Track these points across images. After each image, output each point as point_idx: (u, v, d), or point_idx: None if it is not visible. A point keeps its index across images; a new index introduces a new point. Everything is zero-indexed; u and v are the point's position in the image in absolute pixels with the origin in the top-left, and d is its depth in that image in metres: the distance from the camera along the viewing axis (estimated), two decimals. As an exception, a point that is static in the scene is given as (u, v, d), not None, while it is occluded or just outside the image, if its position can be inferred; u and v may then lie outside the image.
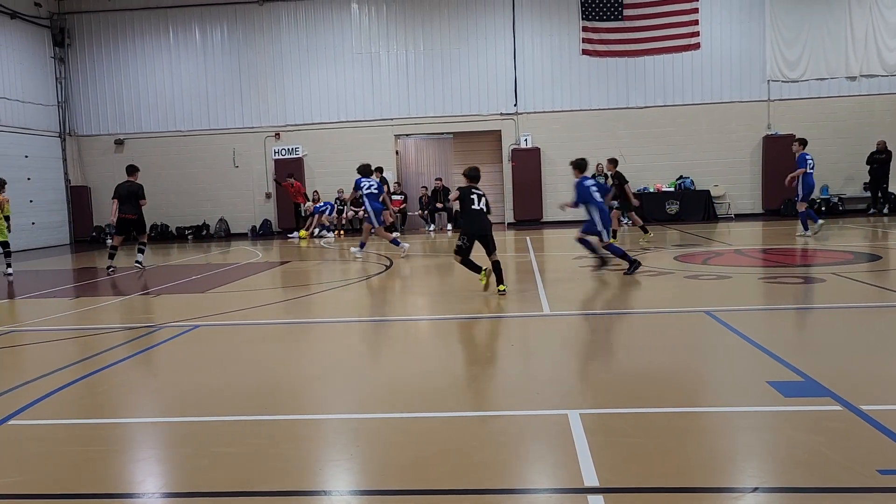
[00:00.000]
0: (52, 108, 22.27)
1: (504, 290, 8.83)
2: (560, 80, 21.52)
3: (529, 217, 21.63)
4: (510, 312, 8.13)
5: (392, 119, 22.05)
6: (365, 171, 13.96)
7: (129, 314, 8.98)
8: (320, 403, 4.94)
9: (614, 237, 12.35)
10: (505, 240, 17.60)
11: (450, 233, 20.47)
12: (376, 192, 13.82)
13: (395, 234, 15.45)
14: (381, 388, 5.18)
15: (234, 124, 22.45)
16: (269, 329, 7.79)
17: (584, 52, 21.19)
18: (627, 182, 14.54)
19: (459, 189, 9.18)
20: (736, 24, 20.93)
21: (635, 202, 14.67)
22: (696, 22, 20.84)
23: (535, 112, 21.67)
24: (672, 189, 21.12)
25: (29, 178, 20.89)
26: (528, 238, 17.14)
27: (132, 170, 13.48)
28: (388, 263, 12.98)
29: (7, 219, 13.30)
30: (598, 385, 5.07)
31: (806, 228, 14.35)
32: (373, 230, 14.09)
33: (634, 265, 10.14)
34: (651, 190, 21.18)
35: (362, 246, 14.26)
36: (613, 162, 14.66)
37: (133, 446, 4.24)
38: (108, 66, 22.70)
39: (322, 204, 21.07)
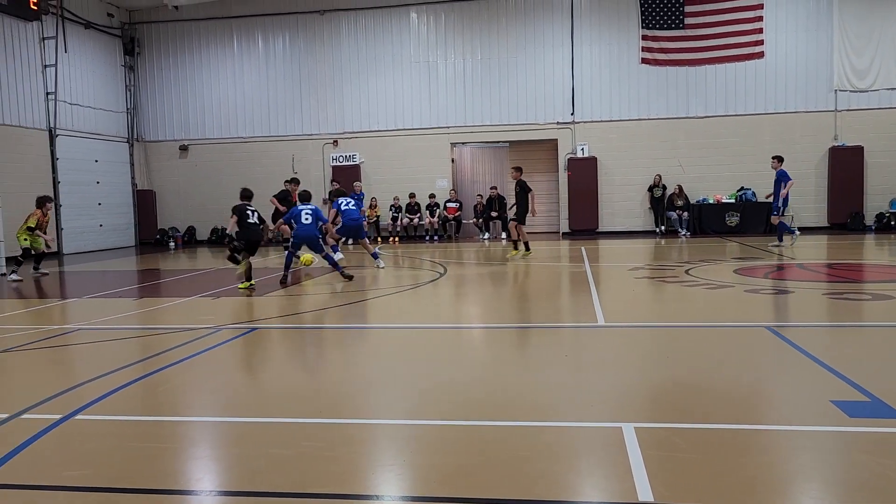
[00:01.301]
0: (122, 115, 23.13)
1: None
2: (618, 89, 21.28)
3: (585, 227, 21.42)
4: (564, 322, 8.06)
5: (448, 127, 22.16)
6: (337, 193, 14.45)
7: (189, 315, 9.23)
8: (374, 408, 4.98)
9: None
10: (560, 249, 17.47)
11: (504, 241, 20.41)
12: (354, 207, 14.04)
13: (376, 248, 15.06)
14: (433, 394, 5.20)
15: (294, 131, 22.91)
16: (326, 333, 7.90)
17: (644, 60, 20.91)
18: (531, 191, 14.38)
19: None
20: (802, 33, 20.35)
21: (534, 212, 14.52)
22: (759, 30, 20.34)
23: (592, 121, 21.47)
24: (732, 200, 20.62)
25: (98, 182, 21.73)
26: (583, 248, 16.96)
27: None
28: (441, 271, 13.02)
29: (30, 230, 13.63)
30: (653, 399, 4.98)
31: (781, 239, 15.39)
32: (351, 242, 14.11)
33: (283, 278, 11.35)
34: (710, 201, 20.73)
35: (375, 256, 13.85)
36: (518, 169, 14.61)
37: (192, 444, 4.36)
38: (174, 74, 23.47)
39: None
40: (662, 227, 20.90)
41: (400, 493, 3.54)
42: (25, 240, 13.63)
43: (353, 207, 14.01)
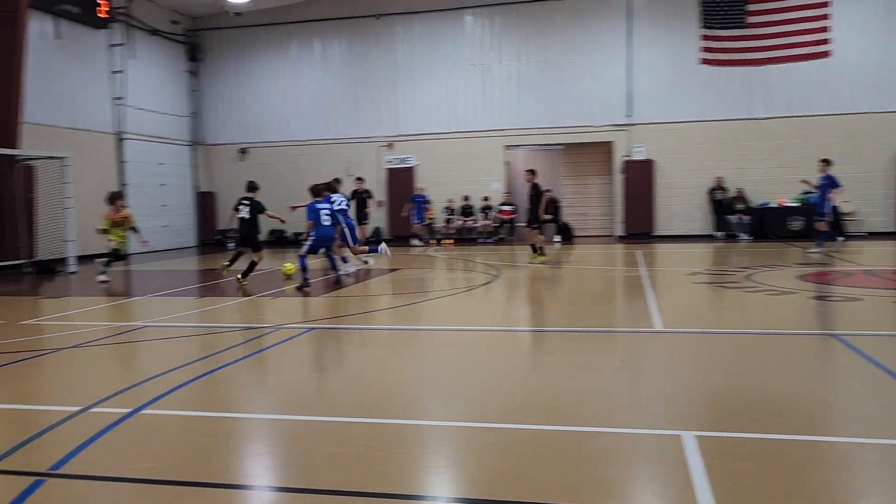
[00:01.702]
0: (185, 119, 23.82)
1: None
2: (676, 90, 20.89)
3: (640, 230, 21.08)
4: (620, 327, 7.95)
5: (502, 130, 22.12)
6: (329, 188, 12.68)
7: (249, 315, 9.44)
8: (427, 410, 5.00)
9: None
10: (614, 253, 17.25)
11: (558, 244, 20.26)
12: (346, 207, 13.02)
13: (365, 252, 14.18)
14: (485, 397, 5.19)
15: (349, 134, 23.20)
16: (381, 334, 7.98)
17: (704, 61, 20.44)
18: (544, 194, 14.23)
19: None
20: (871, 31, 19.61)
21: (541, 215, 14.33)
22: (825, 28, 19.66)
23: (648, 123, 21.13)
24: (796, 204, 19.98)
25: (163, 184, 22.43)
26: (639, 252, 16.69)
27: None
28: (495, 273, 13.00)
29: (134, 229, 13.49)
30: (714, 407, 4.86)
31: (820, 246, 14.87)
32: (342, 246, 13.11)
33: (305, 284, 10.96)
34: (773, 205, 20.14)
35: (345, 260, 13.23)
36: (532, 172, 14.41)
37: (251, 440, 4.46)
38: (234, 78, 24.06)
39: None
40: (722, 232, 20.40)
41: (453, 494, 3.55)
42: (111, 240, 13.22)
43: (346, 206, 12.90)
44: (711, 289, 10.46)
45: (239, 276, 11.80)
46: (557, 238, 21.06)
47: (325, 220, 11.50)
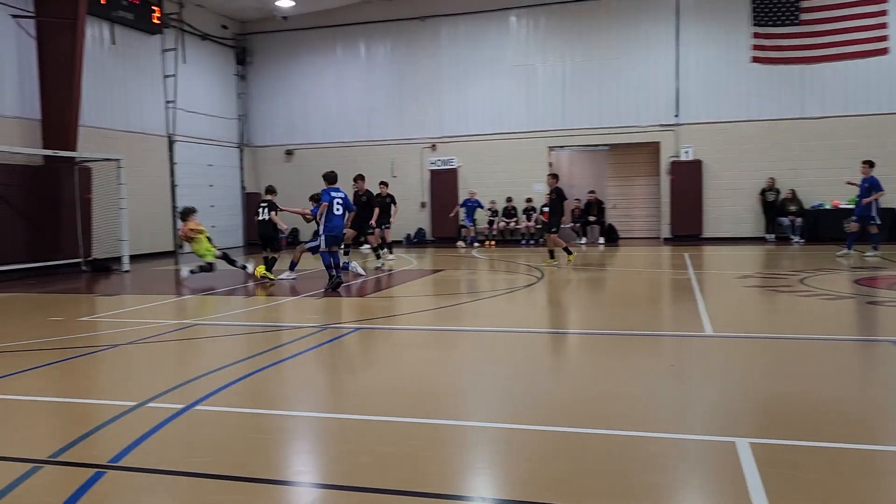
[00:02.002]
0: (233, 121, 24.28)
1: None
2: (725, 90, 20.47)
3: (688, 232, 20.71)
4: (668, 331, 7.83)
5: (546, 131, 21.98)
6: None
7: (296, 314, 9.57)
8: (474, 410, 5.00)
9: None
10: (660, 255, 16.99)
11: (602, 246, 20.06)
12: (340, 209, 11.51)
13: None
14: (531, 399, 5.16)
15: (393, 136, 23.34)
16: (427, 334, 8.01)
17: (755, 59, 19.99)
18: (567, 199, 14.25)
19: None
20: (932, 26, 18.92)
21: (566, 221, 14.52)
22: (884, 25, 19.04)
23: (697, 123, 20.76)
24: (851, 206, 19.36)
25: (211, 185, 22.89)
26: (686, 254, 16.41)
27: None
28: (539, 275, 12.93)
29: (209, 239, 13.91)
30: (768, 413, 4.75)
31: (850, 248, 14.69)
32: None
33: (334, 282, 10.78)
34: (827, 207, 19.57)
35: (292, 267, 13.03)
36: (555, 177, 14.47)
37: (300, 438, 4.52)
38: (281, 81, 24.42)
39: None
40: (773, 235, 19.92)
41: (501, 496, 3.54)
42: (200, 254, 13.74)
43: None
44: (763, 292, 10.22)
45: (267, 273, 12.40)
46: (601, 239, 20.85)
47: (338, 210, 11.18)
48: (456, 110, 22.72)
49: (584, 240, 21.23)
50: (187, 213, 14.20)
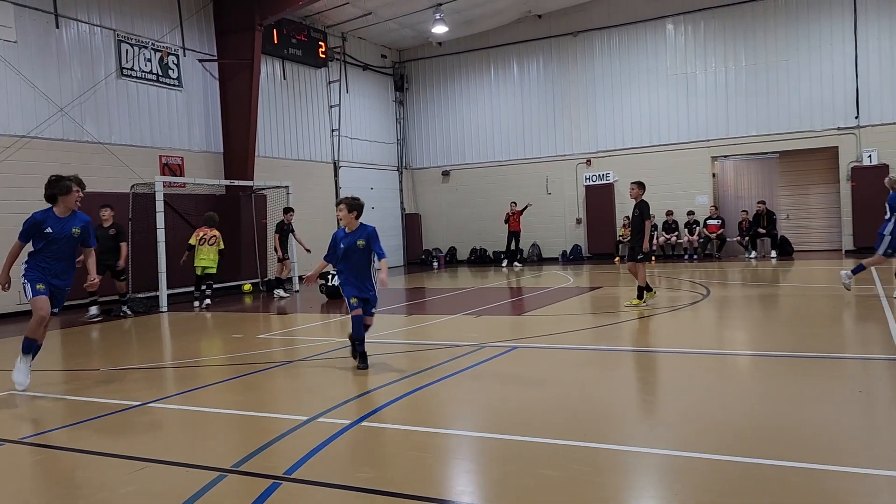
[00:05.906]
0: (392, 146, 25.34)
1: None
2: (915, 86, 18.52)
3: (874, 244, 18.79)
4: (853, 353, 7.14)
5: (708, 140, 20.97)
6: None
7: (454, 333, 9.74)
8: (640, 435, 4.81)
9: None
10: (842, 270, 15.55)
11: (774, 260, 18.74)
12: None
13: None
14: (701, 425, 4.88)
15: (548, 153, 23.28)
16: (585, 354, 7.85)
17: (950, 49, 17.93)
18: (651, 218, 11.45)
19: None
20: None
21: (647, 246, 11.20)
22: None
23: (881, 124, 18.92)
24: None
25: (373, 208, 23.94)
26: (872, 268, 14.89)
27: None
28: (704, 292, 12.29)
29: (220, 252, 14.30)
30: (980, 450, 4.18)
31: (854, 272, 11.33)
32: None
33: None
34: None
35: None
36: (640, 185, 11.77)
37: (462, 457, 4.56)
38: (437, 105, 25.19)
39: None
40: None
41: (673, 529, 3.37)
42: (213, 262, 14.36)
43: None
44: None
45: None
46: (773, 252, 19.49)
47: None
48: (611, 123, 22.27)
49: (753, 253, 19.94)
50: (216, 221, 14.47)
